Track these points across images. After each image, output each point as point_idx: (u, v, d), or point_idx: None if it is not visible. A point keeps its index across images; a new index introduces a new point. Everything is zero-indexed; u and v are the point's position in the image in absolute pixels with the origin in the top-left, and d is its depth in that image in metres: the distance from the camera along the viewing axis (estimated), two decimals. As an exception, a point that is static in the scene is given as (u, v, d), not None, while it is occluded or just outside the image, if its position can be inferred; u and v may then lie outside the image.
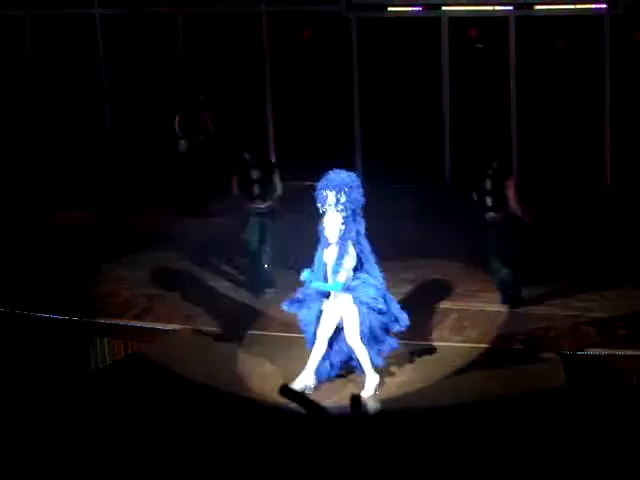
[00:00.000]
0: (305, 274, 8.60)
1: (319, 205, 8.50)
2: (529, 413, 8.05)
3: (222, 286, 11.17)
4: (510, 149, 14.90)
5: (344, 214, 8.42)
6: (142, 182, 15.77)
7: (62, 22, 16.37)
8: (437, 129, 15.30)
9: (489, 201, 10.20)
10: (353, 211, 8.47)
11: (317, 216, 8.57)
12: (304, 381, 8.60)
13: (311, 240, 8.75)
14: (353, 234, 8.47)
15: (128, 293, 11.08)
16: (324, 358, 8.70)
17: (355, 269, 8.57)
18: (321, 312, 8.63)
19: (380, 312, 8.58)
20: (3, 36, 16.68)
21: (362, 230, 8.59)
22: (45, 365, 10.08)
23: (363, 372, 8.65)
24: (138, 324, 10.28)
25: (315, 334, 8.66)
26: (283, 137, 15.78)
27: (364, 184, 8.68)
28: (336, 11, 15.27)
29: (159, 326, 10.21)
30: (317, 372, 8.68)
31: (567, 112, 14.80)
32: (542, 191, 14.15)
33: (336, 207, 8.41)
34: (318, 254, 8.63)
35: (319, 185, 8.53)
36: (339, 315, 8.58)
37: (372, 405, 8.36)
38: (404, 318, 8.74)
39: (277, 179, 10.88)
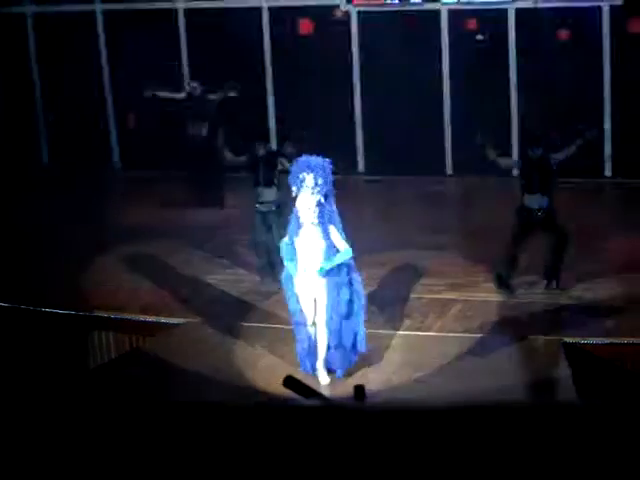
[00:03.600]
0: (290, 268, 8.66)
1: (294, 187, 8.54)
2: (532, 402, 8.08)
3: (226, 280, 11.20)
4: (509, 140, 14.92)
5: (319, 197, 8.47)
6: (145, 176, 15.80)
7: (63, 19, 16.39)
8: (438, 120, 15.32)
9: (535, 188, 10.26)
10: (326, 194, 8.53)
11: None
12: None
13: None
14: (327, 216, 8.54)
15: (132, 287, 11.10)
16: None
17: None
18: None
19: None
20: (4, 34, 16.69)
21: (335, 212, 8.65)
22: (48, 360, 10.10)
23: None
24: (142, 318, 10.31)
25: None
26: (284, 131, 15.79)
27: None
28: (336, 4, 15.29)
29: (163, 320, 10.24)
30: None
31: (567, 103, 14.81)
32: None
33: (313, 189, 8.45)
34: (290, 237, 8.65)
35: (295, 168, 8.58)
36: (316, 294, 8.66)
37: (376, 396, 8.39)
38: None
39: (285, 164, 10.78)
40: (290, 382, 8.18)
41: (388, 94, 15.34)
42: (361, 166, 15.47)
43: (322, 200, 8.48)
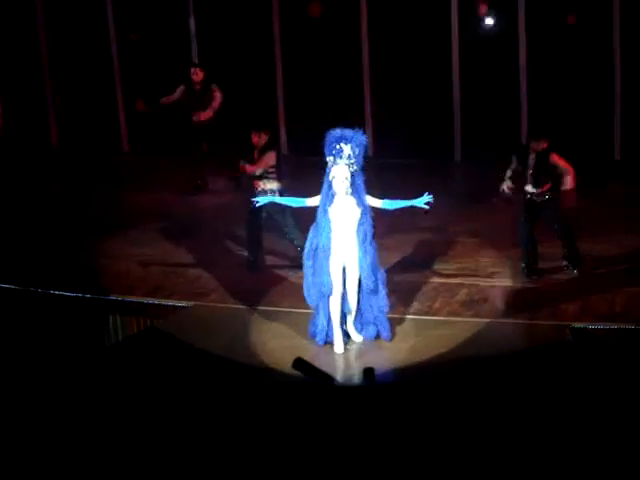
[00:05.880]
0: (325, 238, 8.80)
1: (330, 157, 8.64)
2: (538, 387, 8.10)
3: (233, 262, 11.21)
4: (520, 123, 14.91)
5: (353, 168, 8.63)
6: (153, 158, 15.80)
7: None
8: (447, 104, 15.30)
9: (530, 176, 10.30)
10: (359, 166, 8.72)
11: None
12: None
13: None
14: (358, 187, 8.73)
15: (140, 270, 11.11)
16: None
17: None
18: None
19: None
20: (13, 13, 16.71)
21: (363, 186, 8.79)
22: (58, 343, 10.15)
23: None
24: (151, 301, 10.34)
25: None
26: (293, 113, 15.80)
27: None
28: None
29: (171, 303, 10.26)
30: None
31: (577, 86, 14.79)
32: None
33: (349, 160, 8.59)
34: (323, 208, 8.75)
35: (332, 137, 8.66)
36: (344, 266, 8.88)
37: (383, 378, 8.43)
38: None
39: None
40: (299, 364, 8.26)
41: (397, 76, 15.36)
42: (370, 150, 15.47)
43: (356, 171, 8.65)
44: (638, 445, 7.42)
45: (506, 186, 10.51)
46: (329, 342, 8.97)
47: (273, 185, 10.65)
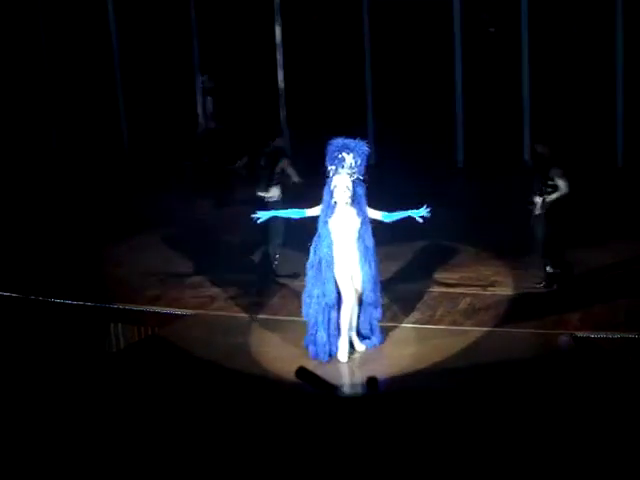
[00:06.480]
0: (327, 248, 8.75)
1: (332, 167, 8.64)
2: (540, 396, 8.09)
3: (235, 270, 11.19)
4: (522, 130, 14.91)
5: (354, 177, 8.64)
6: (154, 165, 15.80)
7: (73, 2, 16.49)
8: (449, 110, 15.30)
9: (540, 186, 10.20)
10: (359, 177, 8.72)
11: None
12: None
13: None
14: (359, 196, 8.72)
15: (142, 278, 11.10)
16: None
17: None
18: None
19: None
20: (15, 15, 16.73)
21: (364, 196, 8.78)
22: (59, 351, 10.14)
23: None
24: (152, 309, 10.33)
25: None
26: (295, 118, 15.80)
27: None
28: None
29: (173, 311, 10.25)
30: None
31: (580, 93, 14.79)
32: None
33: (351, 170, 8.59)
34: (322, 218, 8.74)
35: (334, 147, 8.66)
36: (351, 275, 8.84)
37: (386, 387, 8.41)
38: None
39: (287, 168, 10.72)
40: (302, 373, 8.24)
41: (400, 85, 15.38)
42: (372, 159, 15.46)
43: (357, 181, 8.66)
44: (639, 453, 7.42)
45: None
46: (333, 356, 8.93)
47: (275, 193, 10.63)
